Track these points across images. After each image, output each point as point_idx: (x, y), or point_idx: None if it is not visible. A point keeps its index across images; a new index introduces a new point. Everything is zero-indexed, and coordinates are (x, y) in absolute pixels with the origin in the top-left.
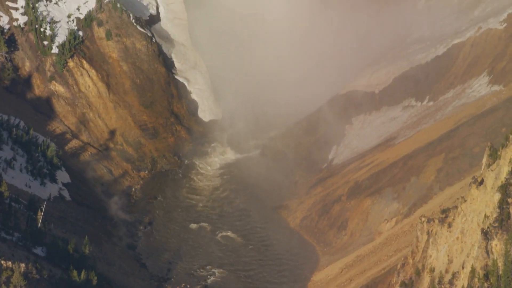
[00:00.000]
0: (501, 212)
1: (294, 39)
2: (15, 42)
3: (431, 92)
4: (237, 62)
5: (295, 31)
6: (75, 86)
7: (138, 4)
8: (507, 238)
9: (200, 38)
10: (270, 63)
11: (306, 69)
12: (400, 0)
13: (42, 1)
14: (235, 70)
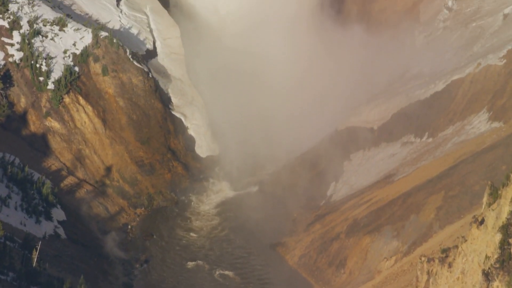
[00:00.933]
0: (502, 253)
1: (293, 76)
2: (11, 78)
3: (430, 128)
4: (235, 97)
5: (294, 68)
6: (71, 122)
7: (135, 39)
8: (509, 280)
9: (197, 73)
10: (268, 98)
11: (305, 104)
12: (399, 36)
13: (38, 37)
14: (233, 106)
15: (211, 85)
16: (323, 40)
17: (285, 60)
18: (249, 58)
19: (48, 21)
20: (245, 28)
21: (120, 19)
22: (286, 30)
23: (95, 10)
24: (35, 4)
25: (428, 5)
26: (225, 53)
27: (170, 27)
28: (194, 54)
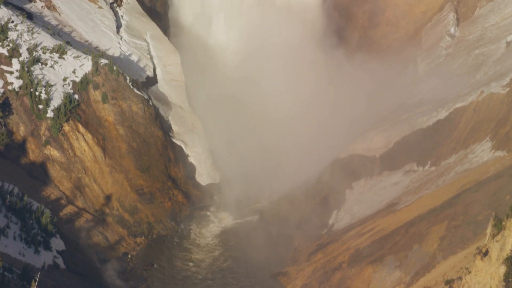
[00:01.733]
0: (507, 285)
1: (294, 104)
2: (10, 106)
3: (433, 157)
4: (236, 125)
5: (296, 96)
6: (71, 150)
7: (135, 65)
8: None
9: (198, 101)
10: (270, 126)
11: (307, 132)
12: (401, 63)
13: (37, 64)
14: (234, 133)
15: (211, 112)
16: (324, 68)
17: (286, 88)
18: (250, 86)
19: (48, 49)
20: (246, 56)
21: (120, 46)
22: (287, 58)
23: (95, 37)
24: (34, 32)
25: (430, 31)
26: (226, 80)
27: (171, 54)
28: (195, 81)
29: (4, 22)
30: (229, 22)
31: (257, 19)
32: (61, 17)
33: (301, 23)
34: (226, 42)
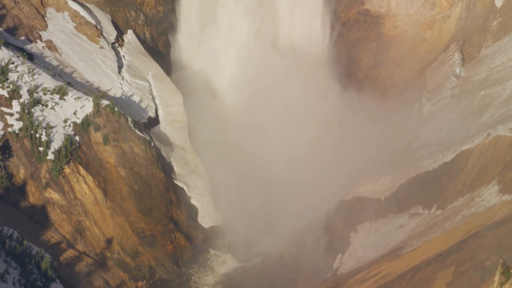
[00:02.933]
0: None
1: (298, 144)
2: (10, 149)
3: (439, 200)
4: (238, 165)
5: (300, 137)
6: (71, 193)
7: (136, 106)
8: None
9: (200, 141)
10: (273, 167)
11: (311, 174)
12: (406, 103)
13: (38, 106)
14: (236, 174)
15: (214, 153)
16: (329, 109)
17: (291, 129)
18: (254, 127)
19: (49, 90)
20: (250, 97)
21: (121, 86)
22: (291, 100)
23: (97, 77)
24: (35, 73)
25: (436, 71)
26: (229, 121)
27: (173, 94)
28: (197, 122)
29: (5, 63)
30: (232, 63)
31: (261, 61)
32: (62, 58)
33: (305, 65)
34: (230, 83)
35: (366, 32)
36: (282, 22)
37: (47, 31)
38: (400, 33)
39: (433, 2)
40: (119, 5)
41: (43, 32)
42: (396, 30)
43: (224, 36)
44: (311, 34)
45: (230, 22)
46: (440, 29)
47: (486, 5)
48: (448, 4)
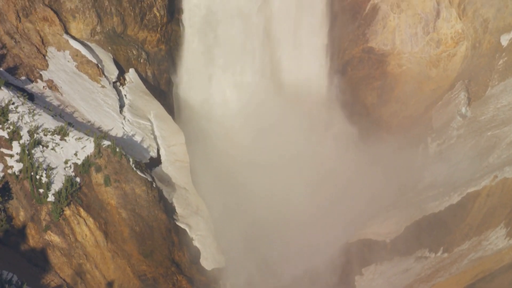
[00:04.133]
0: None
1: (302, 184)
2: (9, 191)
3: (445, 243)
4: (241, 206)
5: (303, 176)
6: (72, 235)
7: (138, 146)
8: None
9: (202, 182)
10: (276, 207)
11: (315, 214)
12: (411, 143)
13: (38, 147)
14: (239, 215)
15: (217, 194)
16: (334, 149)
17: (294, 170)
18: (256, 165)
19: (49, 131)
20: (251, 134)
21: (123, 126)
22: (295, 141)
23: (98, 117)
24: (36, 113)
25: (441, 111)
26: (230, 162)
27: (175, 134)
28: (200, 161)
29: (5, 104)
30: (235, 102)
31: (263, 99)
32: (63, 97)
33: (309, 104)
34: (232, 121)
35: (371, 70)
36: (285, 61)
37: (48, 70)
38: (405, 71)
39: (438, 40)
40: (121, 44)
41: (44, 72)
42: (400, 68)
43: (227, 75)
44: (314, 72)
45: (233, 61)
46: (445, 68)
47: (492, 44)
48: (454, 42)
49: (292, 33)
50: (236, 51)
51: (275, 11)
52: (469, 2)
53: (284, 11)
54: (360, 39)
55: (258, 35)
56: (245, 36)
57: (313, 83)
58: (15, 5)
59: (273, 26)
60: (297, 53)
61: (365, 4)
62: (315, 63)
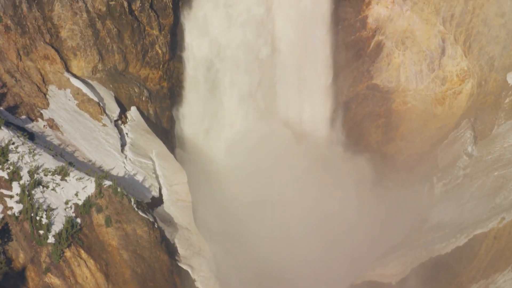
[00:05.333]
0: None
1: (305, 223)
2: (9, 233)
3: (452, 285)
4: (244, 246)
5: (307, 215)
6: (72, 277)
7: (140, 186)
8: None
9: (205, 221)
10: (279, 247)
11: (318, 254)
12: (417, 181)
13: (38, 188)
14: (242, 255)
15: (219, 233)
16: (338, 186)
17: (296, 207)
18: (259, 204)
19: (50, 171)
20: (254, 174)
21: (124, 165)
22: (295, 177)
23: (99, 156)
24: (36, 153)
25: (447, 149)
26: (233, 201)
27: (177, 173)
28: (201, 200)
29: (5, 144)
30: (237, 141)
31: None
32: (63, 136)
33: (311, 140)
34: (234, 160)
35: (375, 107)
36: (288, 99)
37: (49, 109)
38: (410, 109)
39: (444, 78)
40: (123, 82)
41: (44, 111)
42: (406, 105)
43: (228, 113)
44: (317, 110)
45: (236, 99)
46: (451, 105)
47: (498, 82)
48: (459, 80)
49: (296, 70)
50: (239, 90)
51: (279, 48)
52: (474, 39)
53: (288, 48)
54: (364, 76)
55: (261, 73)
56: (248, 75)
57: (316, 121)
58: (16, 43)
59: (276, 64)
60: (300, 91)
61: (370, 41)
62: (318, 100)
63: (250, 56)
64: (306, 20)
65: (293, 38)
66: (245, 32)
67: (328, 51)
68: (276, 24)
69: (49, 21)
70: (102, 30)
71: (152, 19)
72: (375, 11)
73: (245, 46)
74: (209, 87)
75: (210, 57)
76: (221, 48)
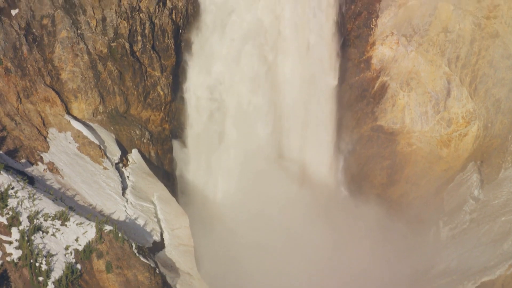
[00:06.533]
0: None
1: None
2: (8, 279)
3: None
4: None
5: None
6: None
7: (141, 230)
8: None
9: (207, 266)
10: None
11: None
12: (422, 227)
13: (38, 233)
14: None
15: (221, 278)
16: (341, 228)
17: (299, 252)
18: (261, 249)
19: (50, 216)
20: (256, 218)
21: (125, 209)
22: (299, 220)
23: (100, 200)
24: (36, 198)
25: (453, 193)
26: (234, 245)
27: (179, 217)
28: (203, 244)
29: (4, 188)
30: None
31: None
32: (64, 180)
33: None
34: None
35: (380, 149)
36: (292, 142)
37: (49, 152)
38: (415, 151)
39: (449, 119)
40: (124, 124)
41: (44, 154)
42: (411, 147)
43: (231, 156)
44: (321, 152)
45: (239, 142)
46: (456, 147)
47: (504, 125)
48: (465, 122)
49: (301, 112)
50: (242, 133)
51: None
52: (480, 81)
53: (293, 90)
54: (369, 117)
55: (265, 117)
56: (251, 118)
57: (319, 163)
58: (16, 86)
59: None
60: (304, 134)
61: (374, 82)
62: (322, 142)
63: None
64: (311, 60)
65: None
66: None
67: (333, 92)
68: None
69: (49, 63)
70: (103, 71)
71: (154, 60)
72: (379, 52)
73: (247, 91)
74: (212, 130)
75: (213, 99)
76: (222, 92)
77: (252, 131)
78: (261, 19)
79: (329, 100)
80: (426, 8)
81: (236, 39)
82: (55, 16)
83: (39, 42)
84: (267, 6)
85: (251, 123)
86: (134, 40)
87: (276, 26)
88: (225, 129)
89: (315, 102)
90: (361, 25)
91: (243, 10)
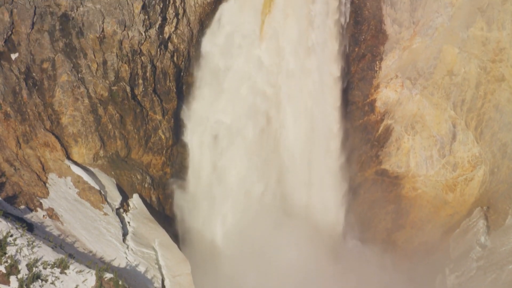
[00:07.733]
0: None
1: None
2: None
3: None
4: None
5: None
6: None
7: (142, 277)
8: None
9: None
10: None
11: None
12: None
13: (37, 282)
14: None
15: None
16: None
17: (299, 272)
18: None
19: (49, 263)
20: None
21: (126, 256)
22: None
23: (100, 247)
24: (35, 245)
25: (459, 239)
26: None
27: (180, 263)
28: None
29: (3, 236)
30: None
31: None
32: (63, 226)
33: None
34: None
35: (384, 193)
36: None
37: (49, 198)
38: (420, 195)
39: (455, 164)
40: (125, 168)
41: (44, 200)
42: (416, 191)
43: (233, 198)
44: (325, 196)
45: (239, 184)
46: (462, 192)
47: (510, 170)
48: (471, 166)
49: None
50: (242, 175)
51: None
52: (486, 125)
53: (295, 132)
54: (373, 160)
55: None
56: (251, 159)
57: (323, 207)
58: (16, 131)
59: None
60: (308, 177)
61: (378, 125)
62: (326, 186)
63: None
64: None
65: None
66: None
67: (336, 135)
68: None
69: (49, 108)
70: (104, 115)
71: (155, 104)
72: (383, 95)
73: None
74: (213, 171)
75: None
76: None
77: (254, 174)
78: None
79: (333, 144)
80: (431, 51)
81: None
82: (56, 60)
83: (39, 86)
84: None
85: (252, 166)
86: (135, 84)
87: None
88: (226, 174)
89: (318, 145)
90: (365, 68)
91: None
